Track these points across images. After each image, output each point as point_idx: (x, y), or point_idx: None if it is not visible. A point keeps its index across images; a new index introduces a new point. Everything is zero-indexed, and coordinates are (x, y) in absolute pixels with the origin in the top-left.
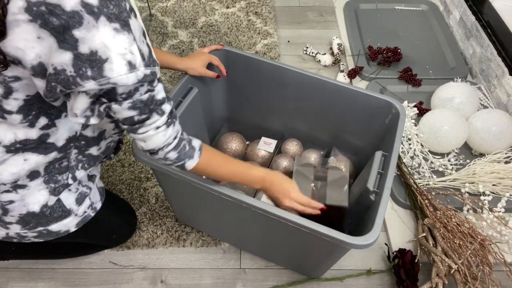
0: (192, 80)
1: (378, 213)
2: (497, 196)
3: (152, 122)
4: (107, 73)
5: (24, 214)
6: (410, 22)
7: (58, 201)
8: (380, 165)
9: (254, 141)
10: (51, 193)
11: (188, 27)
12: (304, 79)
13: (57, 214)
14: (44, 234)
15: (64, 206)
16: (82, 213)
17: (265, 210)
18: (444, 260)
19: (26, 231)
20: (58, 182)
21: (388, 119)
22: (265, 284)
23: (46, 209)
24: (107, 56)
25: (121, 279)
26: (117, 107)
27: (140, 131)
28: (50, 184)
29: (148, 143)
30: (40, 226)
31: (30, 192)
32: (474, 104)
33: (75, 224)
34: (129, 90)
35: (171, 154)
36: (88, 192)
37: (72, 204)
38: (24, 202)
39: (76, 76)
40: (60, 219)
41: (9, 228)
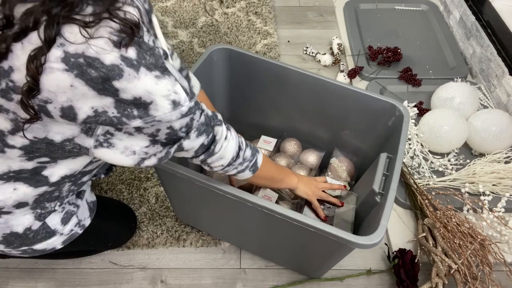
0: None
1: (384, 214)
2: (497, 196)
3: (220, 135)
4: (152, 112)
5: (7, 234)
6: (410, 22)
7: (43, 224)
8: (385, 167)
9: (254, 140)
10: (36, 218)
11: (188, 27)
12: (304, 79)
13: (41, 236)
14: (29, 252)
15: (49, 227)
16: (69, 232)
17: (268, 208)
18: (444, 260)
19: (10, 249)
20: (45, 209)
21: (391, 121)
22: (265, 284)
23: (29, 232)
24: (151, 100)
25: (121, 279)
26: (188, 143)
27: (216, 150)
28: (36, 210)
29: (226, 156)
30: (24, 246)
31: (14, 217)
32: (474, 104)
33: (61, 242)
34: (186, 123)
35: (247, 152)
36: (75, 210)
37: (57, 224)
38: (7, 224)
39: (121, 117)
40: (44, 240)
41: None
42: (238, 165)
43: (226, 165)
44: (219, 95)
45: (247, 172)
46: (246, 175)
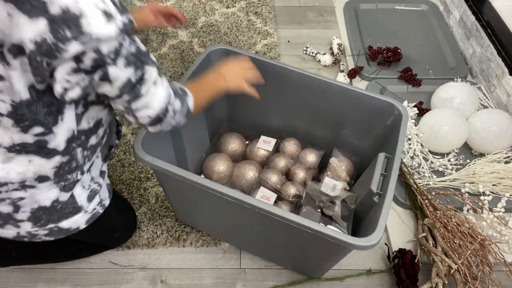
0: (193, 80)
1: (382, 215)
2: (497, 196)
3: (149, 76)
4: (86, 29)
5: (35, 208)
6: (410, 22)
7: (72, 197)
8: (383, 167)
9: (253, 140)
10: (62, 189)
11: (188, 27)
12: (304, 79)
13: (68, 210)
14: (55, 231)
15: (76, 202)
16: (92, 210)
17: (266, 210)
18: (444, 260)
19: (37, 229)
20: (68, 180)
21: (390, 121)
22: (265, 284)
23: (57, 204)
24: (80, 10)
25: (121, 279)
26: (114, 70)
27: (142, 92)
28: (60, 183)
29: (153, 105)
30: (51, 223)
31: (39, 191)
32: (474, 104)
33: (85, 220)
34: (114, 47)
35: (177, 103)
36: (98, 189)
37: (84, 201)
38: (34, 199)
39: (56, 42)
40: (70, 216)
41: (20, 227)
42: (170, 119)
43: (155, 117)
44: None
45: (180, 120)
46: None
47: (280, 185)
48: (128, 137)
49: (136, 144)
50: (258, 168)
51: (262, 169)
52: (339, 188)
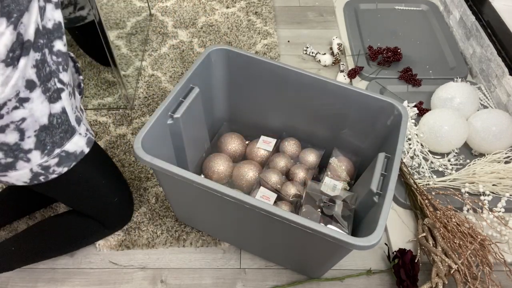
0: (193, 80)
1: (382, 215)
2: (497, 196)
3: None
4: None
5: (37, 129)
6: (410, 22)
7: (64, 113)
8: (383, 167)
9: (253, 140)
10: (50, 101)
11: (188, 27)
12: (304, 79)
13: (64, 126)
14: (63, 157)
15: (69, 120)
16: (85, 134)
17: (266, 210)
18: (444, 260)
19: (46, 159)
20: (50, 89)
21: (390, 121)
22: (265, 284)
23: (52, 118)
24: None
25: (121, 279)
26: None
27: None
28: (46, 94)
29: None
30: (57, 147)
31: (35, 105)
32: (474, 104)
33: (85, 143)
34: None
35: None
36: (81, 117)
37: (74, 121)
38: (34, 117)
39: None
40: (69, 136)
41: (31, 160)
42: None
43: None
44: (218, 95)
45: None
46: None
47: (280, 185)
48: (128, 137)
49: (136, 144)
50: (258, 168)
51: (262, 169)
52: (339, 188)
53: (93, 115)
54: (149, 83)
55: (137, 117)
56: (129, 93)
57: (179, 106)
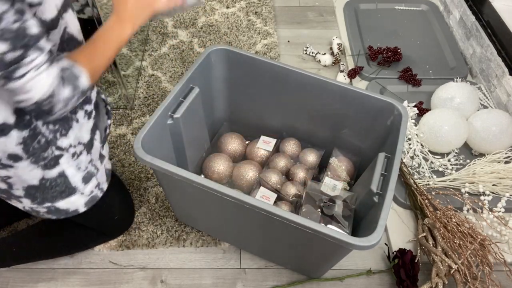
0: (193, 80)
1: (382, 215)
2: (497, 196)
3: (30, 60)
4: None
5: (26, 187)
6: (410, 22)
7: (63, 177)
8: (383, 167)
9: (253, 140)
10: (44, 168)
11: (188, 27)
12: (304, 79)
13: (60, 189)
14: (53, 210)
15: (70, 183)
16: (89, 192)
17: (266, 210)
18: (444, 260)
19: (36, 206)
20: (46, 158)
21: (390, 121)
22: (265, 284)
23: (45, 181)
24: None
25: (121, 279)
26: None
27: (17, 75)
28: (40, 163)
29: (34, 91)
30: (47, 201)
31: (21, 171)
32: (474, 104)
33: (84, 203)
34: None
35: (66, 92)
36: (95, 172)
37: (78, 182)
38: (20, 178)
39: None
40: (65, 196)
41: (22, 202)
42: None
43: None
44: (218, 95)
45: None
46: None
47: (280, 185)
48: (128, 137)
49: (136, 144)
50: (258, 168)
51: (262, 169)
52: (339, 188)
53: None
54: (149, 83)
55: (137, 117)
56: (129, 93)
57: (179, 106)
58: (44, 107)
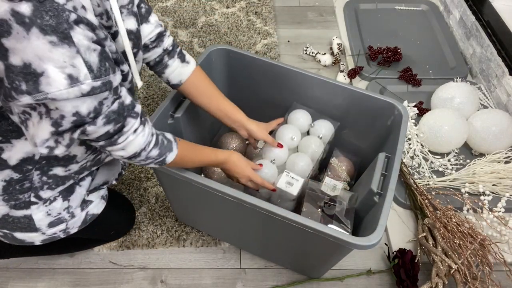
0: None
1: (382, 214)
2: (497, 196)
3: (130, 127)
4: (43, 88)
5: None
6: (410, 22)
7: (27, 218)
8: (384, 167)
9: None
10: (12, 207)
11: (188, 27)
12: (304, 79)
13: (22, 225)
14: (9, 237)
15: (34, 224)
16: (51, 234)
17: (267, 209)
18: (444, 260)
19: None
20: (19, 199)
21: (390, 121)
22: (265, 284)
23: (8, 217)
24: (42, 69)
25: (121, 279)
26: (92, 128)
27: (119, 141)
28: (10, 202)
29: (128, 149)
30: (5, 229)
31: None
32: (474, 104)
33: (41, 240)
34: (94, 107)
35: (153, 152)
36: (68, 219)
37: (44, 225)
38: None
39: (11, 89)
40: (25, 231)
41: None
42: (141, 161)
43: (127, 158)
44: None
45: (151, 165)
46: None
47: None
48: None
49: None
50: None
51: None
52: (339, 188)
53: None
54: (149, 83)
55: None
56: None
57: (179, 106)
58: (131, 157)
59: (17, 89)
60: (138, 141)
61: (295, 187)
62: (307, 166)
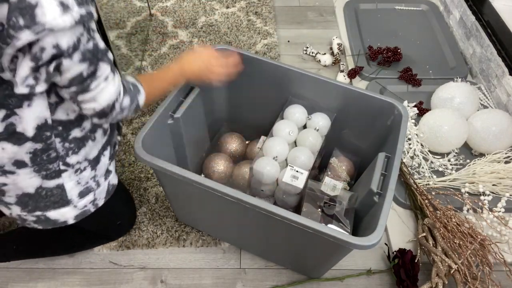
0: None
1: (382, 214)
2: (497, 196)
3: (102, 72)
4: (40, 19)
5: (20, 194)
6: (410, 22)
7: (60, 188)
8: (384, 167)
9: (253, 140)
10: (44, 178)
11: (188, 27)
12: (304, 79)
13: (55, 199)
14: (42, 220)
15: (66, 195)
16: (82, 206)
17: (267, 209)
18: (444, 260)
19: (26, 214)
20: (49, 169)
21: (390, 120)
22: (265, 284)
23: (41, 190)
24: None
25: (121, 279)
26: (68, 63)
27: (92, 87)
28: (41, 172)
29: (100, 99)
30: (38, 210)
31: (20, 178)
32: (474, 104)
33: (74, 216)
34: (73, 42)
35: (125, 101)
36: (95, 188)
37: (74, 195)
38: (17, 186)
39: (9, 28)
40: (57, 207)
41: (11, 209)
42: (117, 114)
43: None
44: (218, 95)
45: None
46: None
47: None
48: (128, 137)
49: (136, 143)
50: None
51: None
52: (339, 188)
53: None
54: None
55: (137, 117)
56: None
57: (179, 106)
58: (106, 111)
59: (15, 26)
60: (109, 90)
61: (300, 180)
62: (308, 159)
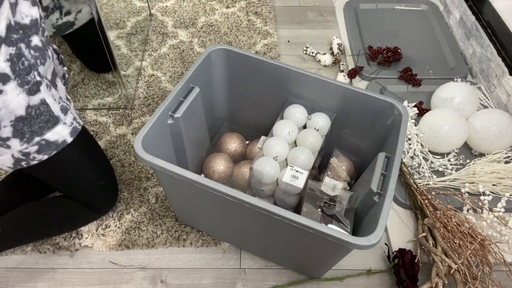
0: (194, 80)
1: (382, 214)
2: (497, 196)
3: None
4: None
5: (13, 120)
6: (410, 22)
7: (44, 104)
8: (384, 167)
9: (253, 140)
10: (28, 93)
11: (188, 27)
12: (304, 79)
13: (45, 117)
14: (44, 146)
15: (52, 111)
16: (70, 123)
17: (267, 209)
18: (444, 260)
19: (26, 146)
20: (29, 82)
21: (390, 120)
22: (265, 284)
23: (30, 110)
24: None
25: (121, 279)
26: None
27: None
28: (24, 86)
29: None
30: (36, 135)
31: (9, 97)
32: (474, 104)
33: (69, 132)
34: None
35: None
36: (68, 107)
37: (58, 111)
38: (8, 108)
39: None
40: (51, 126)
41: (11, 147)
42: None
43: None
44: (218, 95)
45: None
46: None
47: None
48: (128, 137)
49: (137, 143)
50: None
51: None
52: (339, 188)
53: (93, 115)
54: (149, 83)
55: (137, 117)
56: (129, 93)
57: (179, 106)
58: None
59: None
60: None
61: (300, 180)
62: (308, 159)
